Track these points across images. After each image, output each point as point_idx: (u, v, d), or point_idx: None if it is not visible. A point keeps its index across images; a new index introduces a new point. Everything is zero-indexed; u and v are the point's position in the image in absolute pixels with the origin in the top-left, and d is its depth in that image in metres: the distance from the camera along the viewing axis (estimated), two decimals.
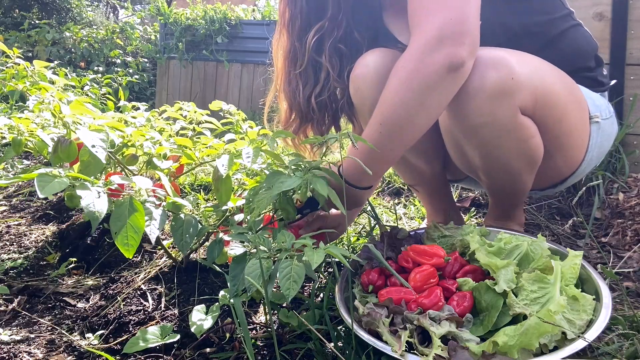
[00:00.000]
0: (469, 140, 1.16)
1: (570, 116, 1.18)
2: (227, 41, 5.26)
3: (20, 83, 1.58)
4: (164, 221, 0.98)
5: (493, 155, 1.16)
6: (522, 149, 1.13)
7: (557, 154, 1.21)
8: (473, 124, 1.10)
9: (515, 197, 1.31)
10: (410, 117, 1.01)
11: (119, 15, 9.70)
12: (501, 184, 1.27)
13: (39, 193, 0.83)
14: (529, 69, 1.08)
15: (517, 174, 1.20)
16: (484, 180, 1.30)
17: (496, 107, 1.05)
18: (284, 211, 1.08)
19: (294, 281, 0.82)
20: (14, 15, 6.76)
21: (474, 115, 1.08)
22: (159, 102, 5.56)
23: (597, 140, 1.26)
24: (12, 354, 1.05)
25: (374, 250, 1.04)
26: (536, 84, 1.08)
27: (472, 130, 1.12)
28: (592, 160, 1.28)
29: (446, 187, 1.54)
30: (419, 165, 1.42)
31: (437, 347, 0.80)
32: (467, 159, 1.26)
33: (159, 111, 1.52)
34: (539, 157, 1.17)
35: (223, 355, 1.01)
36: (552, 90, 1.12)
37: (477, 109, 1.07)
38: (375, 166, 1.06)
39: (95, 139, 1.00)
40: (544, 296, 0.89)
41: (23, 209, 2.03)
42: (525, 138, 1.12)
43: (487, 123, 1.08)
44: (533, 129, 1.12)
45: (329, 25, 1.26)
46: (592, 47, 1.31)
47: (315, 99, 1.32)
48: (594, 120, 1.23)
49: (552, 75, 1.15)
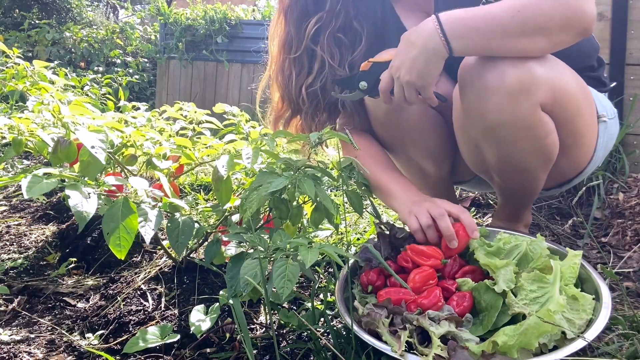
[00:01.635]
0: (486, 139, 1.16)
1: (583, 114, 1.18)
2: (227, 41, 5.26)
3: (20, 83, 1.58)
4: (160, 222, 0.98)
5: (510, 153, 1.16)
6: (539, 146, 1.13)
7: (568, 152, 1.21)
8: (492, 121, 1.10)
9: (527, 197, 1.30)
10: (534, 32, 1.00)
11: (119, 15, 9.71)
12: (514, 183, 1.26)
13: (25, 194, 0.84)
14: (546, 65, 1.08)
15: (532, 172, 1.20)
16: (496, 181, 1.29)
17: (516, 104, 1.05)
18: (277, 210, 1.08)
19: (289, 280, 0.82)
20: (14, 15, 6.77)
21: (494, 112, 1.08)
22: (159, 102, 5.56)
23: (604, 139, 1.26)
24: (12, 354, 1.05)
25: (373, 251, 1.04)
26: (554, 80, 1.08)
27: (491, 128, 1.11)
28: (598, 159, 1.28)
29: (450, 191, 1.54)
30: (426, 167, 1.41)
31: (436, 346, 0.80)
32: (481, 159, 1.25)
33: (159, 111, 1.52)
34: (554, 155, 1.17)
35: (223, 355, 1.01)
36: (568, 87, 1.12)
37: (497, 106, 1.06)
38: (473, 34, 1.01)
39: (94, 140, 1.00)
40: (543, 296, 0.89)
41: (23, 209, 2.04)
42: (544, 135, 1.12)
43: (507, 120, 1.08)
44: (551, 126, 1.12)
45: (327, 16, 1.26)
46: (594, 48, 1.31)
47: (307, 89, 1.30)
48: (601, 120, 1.23)
49: (566, 72, 1.16)
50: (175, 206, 1.09)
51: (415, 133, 1.33)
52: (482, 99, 1.08)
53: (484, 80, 1.06)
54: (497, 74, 1.04)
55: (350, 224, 1.76)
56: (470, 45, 1.03)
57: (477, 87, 1.08)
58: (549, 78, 1.07)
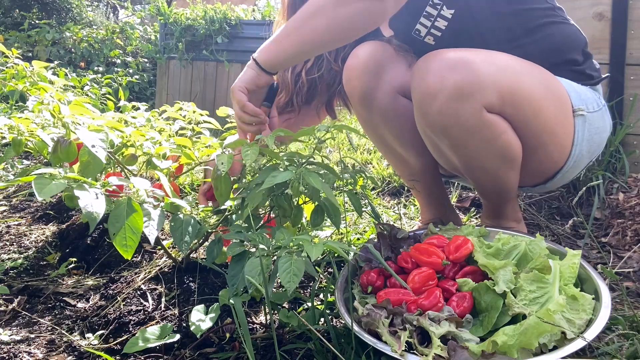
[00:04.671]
0: (441, 141, 1.18)
1: (546, 111, 1.17)
2: (227, 41, 5.26)
3: (20, 83, 1.58)
4: (162, 221, 0.98)
5: (466, 155, 1.18)
6: (493, 147, 1.14)
7: (539, 150, 1.21)
8: (439, 124, 1.12)
9: (502, 195, 1.30)
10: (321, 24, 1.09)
11: (119, 15, 9.70)
12: (483, 182, 1.27)
13: (37, 196, 0.83)
14: (493, 67, 1.10)
15: (494, 172, 1.21)
16: (468, 179, 1.31)
17: (458, 108, 1.07)
18: (280, 209, 1.08)
19: (295, 274, 0.83)
20: (14, 15, 6.76)
21: (438, 116, 1.10)
22: (159, 102, 5.56)
23: (585, 134, 1.25)
24: (12, 354, 1.05)
25: (373, 251, 1.04)
26: (501, 81, 1.09)
27: (440, 131, 1.14)
28: (583, 155, 1.27)
29: (439, 184, 1.53)
30: (409, 157, 1.42)
31: (436, 346, 0.80)
32: (447, 159, 1.27)
33: (159, 111, 1.52)
34: (514, 154, 1.17)
35: (223, 355, 1.01)
36: (522, 87, 1.13)
37: (440, 110, 1.09)
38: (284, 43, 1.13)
39: (95, 139, 1.00)
40: (542, 296, 0.89)
41: (23, 209, 2.04)
42: (494, 136, 1.12)
43: (452, 124, 1.10)
44: (502, 126, 1.13)
45: None
46: (577, 42, 1.30)
47: (307, 75, 1.45)
48: (578, 114, 1.22)
49: (523, 71, 1.16)
50: (176, 206, 1.09)
51: (389, 120, 1.35)
52: (427, 103, 1.11)
53: (425, 84, 1.09)
54: (438, 79, 1.07)
55: (350, 224, 1.76)
56: (266, 52, 1.16)
57: (421, 90, 1.11)
58: (496, 79, 1.08)
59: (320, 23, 1.09)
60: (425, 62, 1.11)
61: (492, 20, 1.24)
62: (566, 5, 1.39)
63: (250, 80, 1.16)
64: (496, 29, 1.25)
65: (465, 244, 1.05)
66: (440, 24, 1.26)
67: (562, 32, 1.28)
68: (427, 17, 1.27)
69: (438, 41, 1.30)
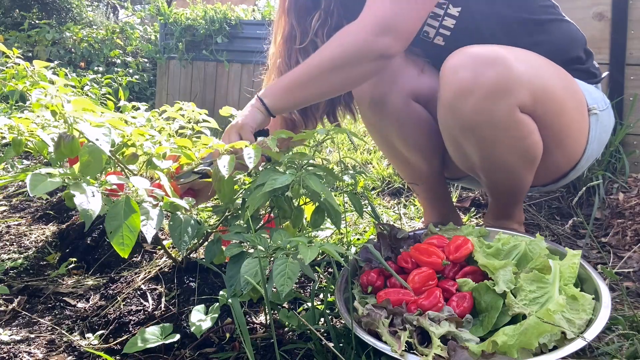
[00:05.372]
0: (467, 139, 1.16)
1: (568, 110, 1.17)
2: (227, 41, 5.26)
3: (20, 83, 1.58)
4: (161, 221, 0.98)
5: (491, 153, 1.16)
6: (520, 147, 1.13)
7: (557, 150, 1.21)
8: (470, 122, 1.10)
9: (515, 196, 1.30)
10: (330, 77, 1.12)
11: (119, 15, 9.70)
12: (500, 182, 1.27)
13: (29, 192, 0.83)
14: (526, 65, 1.08)
15: (515, 172, 1.20)
16: (482, 179, 1.30)
17: (493, 106, 1.05)
18: (280, 210, 1.08)
19: (289, 278, 0.83)
20: (14, 15, 6.76)
21: (472, 113, 1.08)
22: (159, 102, 5.55)
23: (597, 132, 1.25)
24: (12, 354, 1.05)
25: (373, 251, 1.04)
26: (534, 80, 1.07)
27: (470, 128, 1.11)
28: (593, 153, 1.27)
29: (444, 187, 1.54)
30: (416, 162, 1.42)
31: (436, 346, 0.80)
32: (465, 158, 1.25)
33: (159, 111, 1.52)
34: (537, 155, 1.17)
35: (223, 355, 1.01)
36: (549, 86, 1.12)
37: (475, 108, 1.06)
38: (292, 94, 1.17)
39: (97, 133, 1.00)
40: (542, 296, 0.89)
41: (23, 209, 2.04)
42: (523, 136, 1.11)
43: (484, 121, 1.08)
44: (531, 127, 1.12)
45: (323, 14, 1.38)
46: (578, 40, 1.30)
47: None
48: (592, 112, 1.22)
49: (549, 70, 1.15)
50: (176, 205, 1.09)
51: (400, 126, 1.34)
52: (459, 99, 1.08)
53: (461, 80, 1.06)
54: (474, 74, 1.04)
55: (350, 224, 1.76)
56: (278, 100, 1.18)
57: (455, 86, 1.08)
58: (529, 78, 1.07)
59: (336, 79, 1.13)
60: (456, 58, 1.09)
61: (502, 14, 1.22)
62: (566, 5, 1.39)
63: (260, 123, 1.20)
64: (508, 23, 1.23)
65: (465, 244, 1.05)
66: (448, 22, 1.25)
67: (567, 29, 1.28)
68: (434, 18, 1.26)
69: (448, 41, 1.28)
